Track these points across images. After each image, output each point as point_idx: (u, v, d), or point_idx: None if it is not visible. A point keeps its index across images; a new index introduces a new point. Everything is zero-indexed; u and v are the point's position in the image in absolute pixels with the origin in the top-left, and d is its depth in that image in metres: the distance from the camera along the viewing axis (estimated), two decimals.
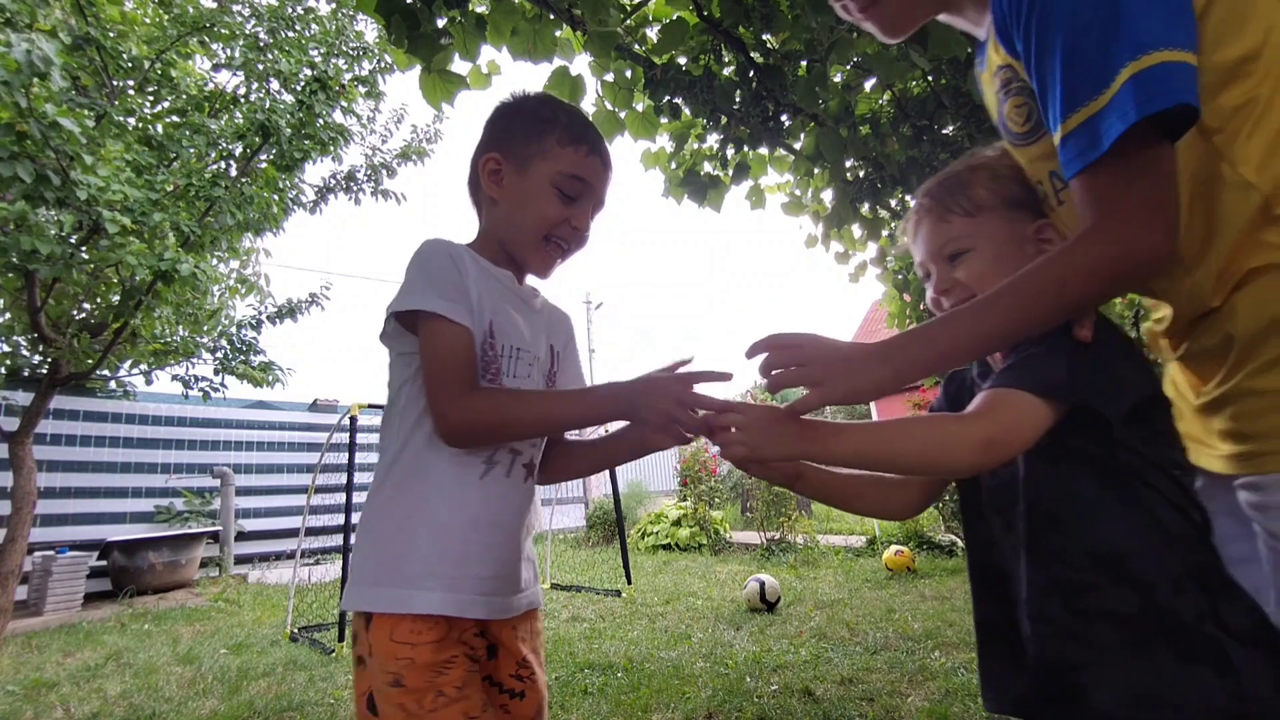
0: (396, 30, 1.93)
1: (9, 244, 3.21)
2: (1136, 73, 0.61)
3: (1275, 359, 0.66)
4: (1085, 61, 0.64)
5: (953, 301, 0.83)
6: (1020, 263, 0.73)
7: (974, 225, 0.82)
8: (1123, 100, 0.61)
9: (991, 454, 0.67)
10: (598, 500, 9.19)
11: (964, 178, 0.85)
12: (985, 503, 0.80)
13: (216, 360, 5.42)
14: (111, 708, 2.72)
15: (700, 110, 2.70)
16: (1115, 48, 0.62)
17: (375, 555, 0.84)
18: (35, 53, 2.90)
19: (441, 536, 0.83)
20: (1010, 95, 0.80)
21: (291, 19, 5.06)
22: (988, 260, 0.81)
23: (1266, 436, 0.68)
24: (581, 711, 2.36)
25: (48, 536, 5.55)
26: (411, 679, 0.77)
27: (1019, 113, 0.80)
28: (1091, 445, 0.69)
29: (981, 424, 0.68)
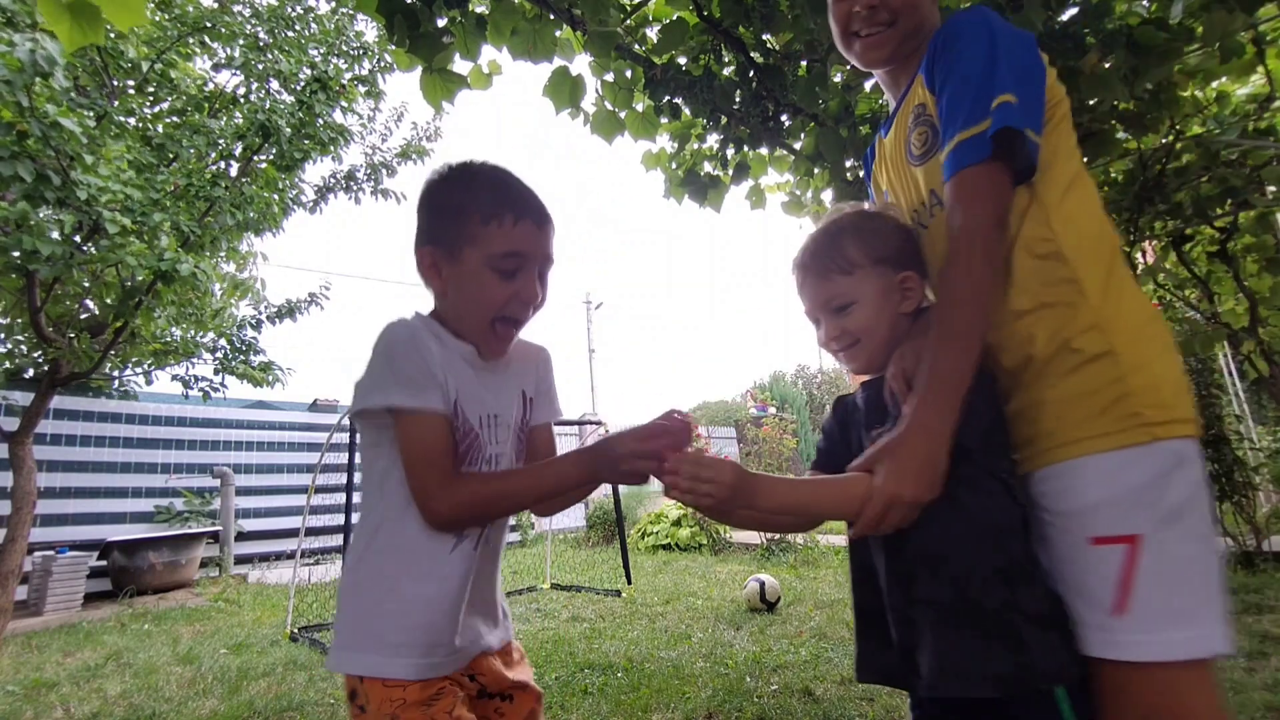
0: (398, 30, 1.93)
1: (9, 244, 3.22)
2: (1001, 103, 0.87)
3: (1060, 375, 0.86)
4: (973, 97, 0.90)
5: (841, 345, 1.00)
6: (894, 309, 0.97)
7: (852, 282, 0.98)
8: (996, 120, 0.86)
9: None
10: (598, 500, 9.19)
11: (836, 240, 1.00)
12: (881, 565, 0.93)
13: (216, 360, 5.42)
14: (111, 708, 2.72)
15: (700, 110, 2.70)
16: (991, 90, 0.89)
17: (358, 622, 0.90)
18: (39, 52, 2.90)
19: (416, 608, 0.89)
20: (918, 125, 1.03)
21: (291, 19, 5.07)
22: (870, 310, 0.97)
23: (1043, 437, 0.86)
24: (581, 711, 2.36)
25: (48, 536, 5.55)
26: (407, 716, 0.85)
27: (920, 139, 1.03)
28: None
29: None
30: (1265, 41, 2.84)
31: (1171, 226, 3.77)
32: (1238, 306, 4.09)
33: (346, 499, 3.75)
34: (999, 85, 0.89)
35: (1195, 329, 3.91)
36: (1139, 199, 3.44)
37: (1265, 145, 3.16)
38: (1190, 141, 3.37)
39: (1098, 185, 3.65)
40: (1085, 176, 0.96)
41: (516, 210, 0.93)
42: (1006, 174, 0.89)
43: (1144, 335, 0.86)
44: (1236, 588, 3.38)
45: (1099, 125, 3.00)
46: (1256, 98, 3.27)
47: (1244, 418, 5.00)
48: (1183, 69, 2.69)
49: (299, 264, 24.55)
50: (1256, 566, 3.78)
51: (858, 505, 0.83)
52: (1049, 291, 0.89)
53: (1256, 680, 2.19)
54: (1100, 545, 0.81)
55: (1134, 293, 0.89)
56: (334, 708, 2.58)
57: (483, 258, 0.92)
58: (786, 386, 15.55)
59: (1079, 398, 0.84)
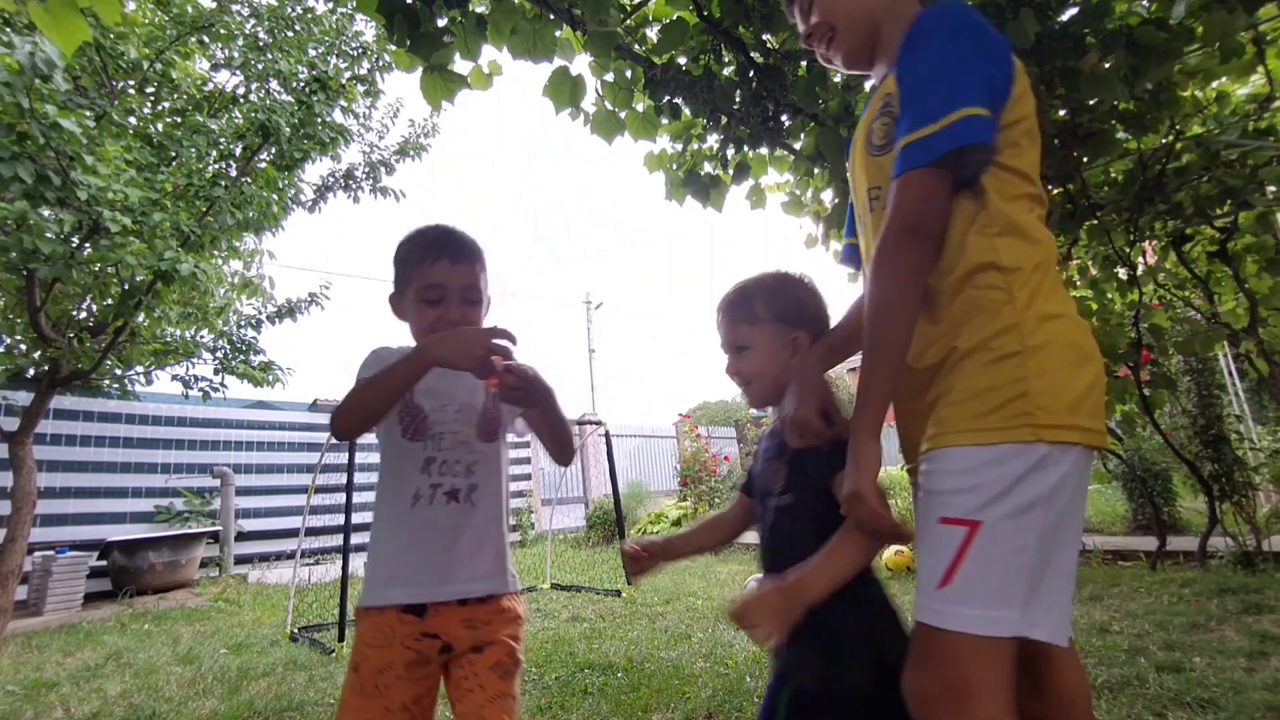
0: (398, 30, 1.93)
1: (9, 244, 3.21)
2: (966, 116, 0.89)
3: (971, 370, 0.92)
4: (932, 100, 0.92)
5: (738, 382, 1.19)
6: (783, 359, 1.13)
7: (753, 331, 1.16)
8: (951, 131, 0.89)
9: None
10: (598, 500, 9.19)
11: (750, 293, 1.18)
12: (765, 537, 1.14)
13: (216, 360, 5.42)
14: (111, 708, 2.72)
15: (700, 110, 2.70)
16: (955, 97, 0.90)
17: (366, 571, 1.18)
18: (39, 54, 2.90)
19: (383, 555, 1.15)
20: (880, 116, 1.05)
21: (290, 18, 5.06)
22: (761, 357, 1.15)
23: (941, 423, 0.93)
24: (581, 711, 2.36)
25: (48, 536, 5.55)
26: (361, 640, 1.11)
27: (883, 130, 1.04)
28: (819, 506, 1.01)
29: None
30: (1265, 41, 2.84)
31: (1171, 226, 3.77)
32: (1238, 306, 4.09)
33: (347, 499, 3.75)
34: (964, 95, 0.90)
35: (1195, 329, 3.91)
36: (1139, 199, 3.44)
37: (1265, 145, 3.16)
38: (1190, 141, 3.37)
39: (1097, 185, 3.67)
40: (1036, 189, 1.00)
41: (434, 253, 1.18)
42: (946, 181, 0.93)
43: (1058, 345, 0.90)
44: (1236, 588, 3.38)
45: (1099, 125, 3.00)
46: (1256, 98, 3.27)
47: (1244, 418, 5.00)
48: (1183, 69, 2.69)
49: (299, 264, 24.54)
50: (1256, 566, 3.78)
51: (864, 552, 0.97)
52: (982, 297, 0.94)
53: (1256, 680, 2.19)
54: (945, 525, 0.89)
55: (1061, 305, 0.95)
56: (334, 708, 2.58)
57: (414, 292, 1.19)
58: None
59: (982, 392, 0.90)
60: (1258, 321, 3.87)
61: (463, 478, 1.17)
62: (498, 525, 1.22)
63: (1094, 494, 8.24)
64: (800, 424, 1.02)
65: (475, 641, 1.12)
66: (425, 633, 1.10)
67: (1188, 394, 4.68)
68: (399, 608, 1.09)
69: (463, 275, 1.19)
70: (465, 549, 1.15)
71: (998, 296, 0.93)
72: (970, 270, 0.95)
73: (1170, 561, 4.25)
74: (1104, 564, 4.45)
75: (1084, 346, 0.93)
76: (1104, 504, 7.01)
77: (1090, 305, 4.20)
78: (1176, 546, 4.43)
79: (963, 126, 0.89)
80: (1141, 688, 2.21)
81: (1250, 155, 3.30)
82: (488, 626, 1.14)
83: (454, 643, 1.11)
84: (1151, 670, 2.34)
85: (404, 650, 1.08)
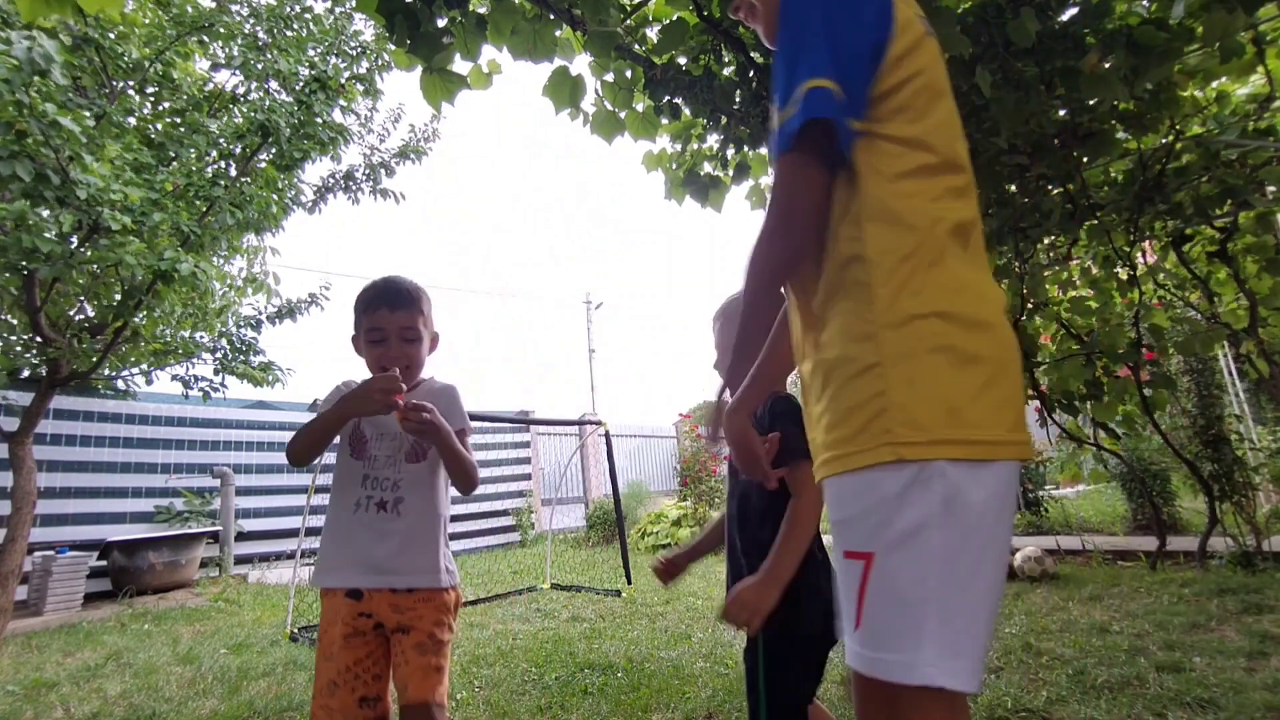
0: (398, 30, 1.93)
1: (9, 243, 3.21)
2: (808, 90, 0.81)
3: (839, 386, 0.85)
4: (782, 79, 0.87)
5: None
6: None
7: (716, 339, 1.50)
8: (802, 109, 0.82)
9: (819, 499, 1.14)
10: (598, 500, 9.19)
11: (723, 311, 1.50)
12: (732, 509, 1.39)
13: (216, 360, 5.42)
14: (111, 708, 2.72)
15: (700, 110, 2.70)
16: (798, 72, 0.84)
17: None
18: (36, 50, 2.90)
19: (329, 547, 1.43)
20: None
21: (290, 18, 5.06)
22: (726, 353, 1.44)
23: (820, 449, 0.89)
24: (581, 711, 2.36)
25: (48, 536, 5.55)
26: (323, 639, 1.39)
27: None
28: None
29: (810, 493, 1.17)
30: (1265, 41, 2.84)
31: (1171, 226, 3.77)
32: (1238, 306, 4.08)
33: None
34: (806, 66, 0.82)
35: (1195, 329, 3.91)
36: (1139, 199, 3.44)
37: (1265, 145, 3.16)
38: (1190, 141, 3.37)
39: (1097, 185, 3.66)
40: (937, 158, 0.86)
41: (376, 301, 1.47)
42: (814, 165, 0.84)
43: (919, 349, 0.80)
44: (1236, 588, 3.38)
45: (1099, 125, 3.00)
46: (1256, 98, 3.27)
47: (1244, 418, 5.00)
48: (1183, 69, 2.69)
49: (299, 264, 24.52)
50: (1256, 566, 3.78)
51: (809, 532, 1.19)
52: (846, 295, 0.85)
53: (1256, 680, 2.19)
54: (847, 559, 0.83)
55: (934, 300, 0.81)
56: None
57: (363, 334, 1.48)
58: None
59: (848, 412, 0.83)
60: (1258, 321, 3.87)
61: (390, 491, 1.43)
62: (429, 531, 1.44)
63: (1094, 494, 8.24)
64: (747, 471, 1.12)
65: (401, 624, 1.36)
66: (362, 612, 1.37)
67: (1188, 394, 4.68)
68: (344, 591, 1.38)
69: (400, 319, 1.46)
70: (393, 549, 1.39)
71: (861, 296, 0.83)
72: (840, 265, 0.86)
73: (1170, 561, 4.25)
74: (1104, 564, 4.46)
75: (964, 348, 0.80)
76: (1104, 504, 7.02)
77: (1090, 305, 4.20)
78: (1176, 546, 4.43)
79: (806, 103, 0.81)
80: (1141, 688, 2.21)
81: (1250, 155, 3.30)
82: (412, 612, 1.37)
83: (385, 621, 1.37)
84: (1151, 670, 2.34)
85: (344, 625, 1.36)
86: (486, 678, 2.82)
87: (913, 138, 0.86)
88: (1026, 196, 3.53)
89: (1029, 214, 3.59)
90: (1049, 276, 4.19)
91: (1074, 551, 4.89)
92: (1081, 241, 3.93)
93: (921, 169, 0.85)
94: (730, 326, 1.34)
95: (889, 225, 0.83)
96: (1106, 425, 4.27)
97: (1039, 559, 4.11)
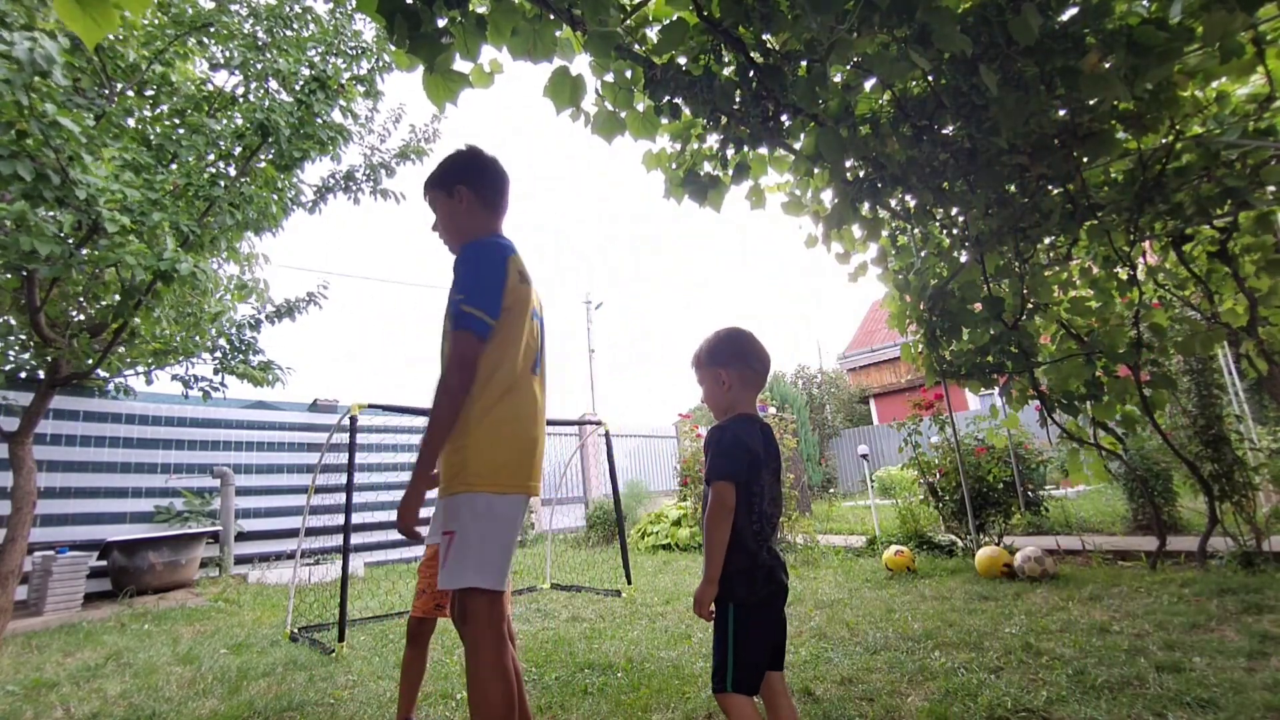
0: (398, 30, 1.93)
1: (9, 243, 3.21)
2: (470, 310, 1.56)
3: (450, 452, 1.60)
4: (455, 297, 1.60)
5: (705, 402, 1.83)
6: (717, 389, 1.74)
7: (700, 373, 1.80)
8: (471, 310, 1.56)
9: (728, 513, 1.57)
10: (598, 500, 9.19)
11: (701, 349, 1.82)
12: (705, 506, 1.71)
13: (216, 360, 5.42)
14: (111, 708, 2.72)
15: (700, 110, 2.70)
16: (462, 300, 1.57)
17: None
18: (38, 51, 2.90)
19: None
20: None
21: (290, 18, 5.06)
22: (706, 388, 1.79)
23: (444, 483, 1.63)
24: (581, 711, 2.36)
25: (48, 536, 5.55)
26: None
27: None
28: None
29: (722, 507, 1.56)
30: (1265, 41, 2.84)
31: (1171, 226, 3.77)
32: (1238, 306, 4.08)
33: (347, 499, 3.74)
34: (469, 297, 1.56)
35: (1195, 329, 3.91)
36: (1139, 199, 3.44)
37: (1265, 145, 3.16)
38: (1190, 141, 3.37)
39: (1097, 185, 3.66)
40: (509, 338, 1.61)
41: None
42: (471, 338, 1.54)
43: (487, 437, 1.56)
44: (1236, 588, 3.38)
45: (1099, 125, 3.00)
46: (1256, 98, 3.27)
47: (1244, 418, 5.00)
48: (1183, 69, 2.69)
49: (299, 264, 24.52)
50: (1256, 566, 3.78)
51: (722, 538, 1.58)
52: (467, 408, 1.57)
53: (1256, 680, 2.19)
54: (446, 535, 1.55)
55: (502, 412, 1.58)
56: (334, 708, 2.58)
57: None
58: (786, 386, 15.52)
59: (452, 465, 1.58)
60: (1257, 321, 3.87)
61: None
62: None
63: (1094, 494, 8.24)
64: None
65: None
66: None
67: (1188, 394, 4.68)
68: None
69: None
70: None
71: (467, 408, 1.58)
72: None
73: (1170, 561, 4.25)
74: (1104, 564, 4.46)
75: (507, 435, 1.60)
76: (1104, 504, 7.02)
77: (1090, 305, 4.20)
78: (1176, 546, 4.43)
79: (469, 318, 1.57)
80: (1141, 688, 2.21)
81: (1250, 155, 3.30)
82: None
83: None
84: (1151, 670, 2.34)
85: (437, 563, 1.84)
86: None
87: (506, 326, 1.62)
88: (1026, 196, 3.53)
89: (1029, 214, 3.59)
90: (1049, 276, 4.19)
91: (1074, 551, 4.89)
92: (1081, 241, 3.93)
93: (504, 340, 1.64)
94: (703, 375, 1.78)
95: (483, 373, 1.60)
96: (1106, 425, 4.28)
97: (1039, 559, 4.11)
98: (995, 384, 4.27)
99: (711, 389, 1.74)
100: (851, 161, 3.29)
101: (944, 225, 4.11)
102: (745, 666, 1.52)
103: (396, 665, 3.15)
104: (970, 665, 2.56)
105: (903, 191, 3.54)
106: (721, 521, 1.54)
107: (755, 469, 1.60)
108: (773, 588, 1.58)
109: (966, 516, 5.20)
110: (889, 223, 4.20)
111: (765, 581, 1.56)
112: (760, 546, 1.58)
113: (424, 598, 2.21)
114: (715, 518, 1.54)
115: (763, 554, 1.58)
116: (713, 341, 1.77)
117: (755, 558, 1.56)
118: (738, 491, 1.57)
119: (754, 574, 1.55)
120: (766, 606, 1.58)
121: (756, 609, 1.56)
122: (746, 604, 1.54)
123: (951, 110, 2.86)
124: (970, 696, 2.24)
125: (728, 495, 1.54)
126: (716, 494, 1.55)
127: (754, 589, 1.55)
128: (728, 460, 1.58)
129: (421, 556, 2.32)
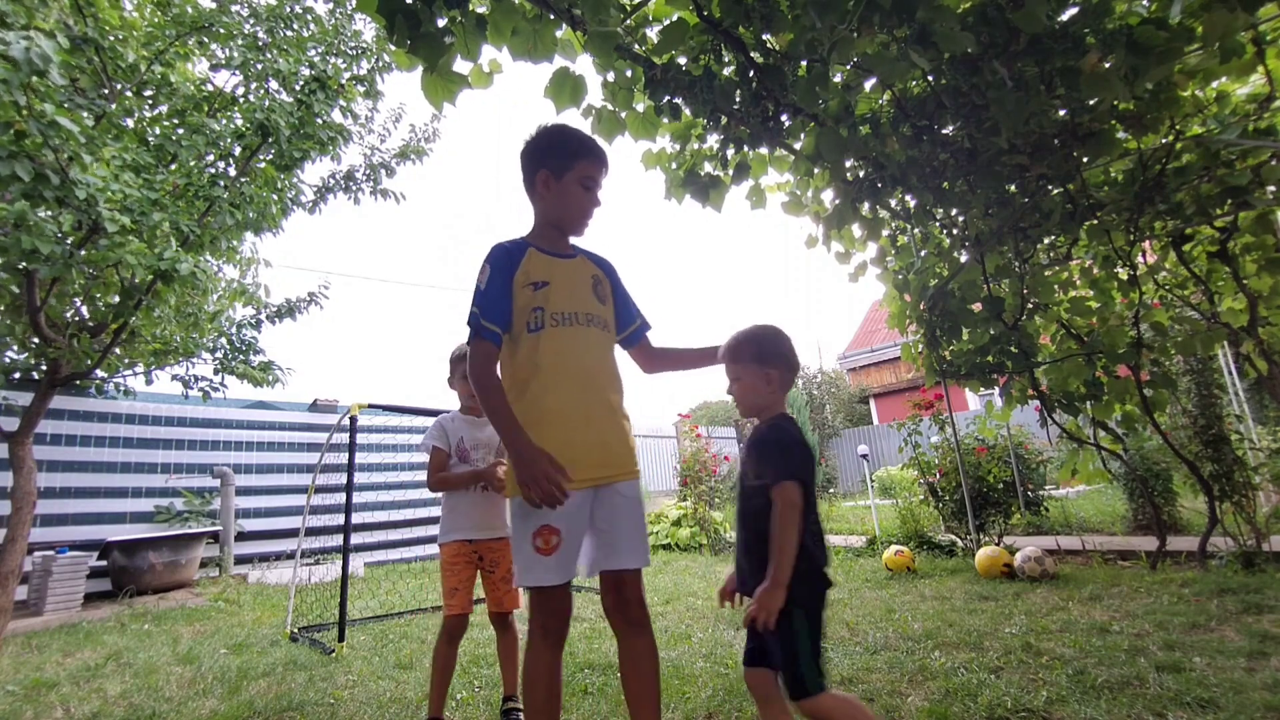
0: (398, 30, 1.93)
1: (9, 243, 3.21)
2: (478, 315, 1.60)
3: None
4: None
5: (734, 399, 1.76)
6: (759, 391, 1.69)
7: (740, 366, 1.72)
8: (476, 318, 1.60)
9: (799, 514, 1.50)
10: None
11: (743, 339, 1.75)
12: (739, 512, 1.71)
13: (216, 360, 5.43)
14: (111, 708, 2.72)
15: (700, 110, 2.70)
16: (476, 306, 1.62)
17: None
18: (34, 50, 2.90)
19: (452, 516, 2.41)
20: None
21: (290, 18, 5.06)
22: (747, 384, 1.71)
23: None
24: (581, 711, 2.36)
25: (48, 536, 5.55)
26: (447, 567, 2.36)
27: None
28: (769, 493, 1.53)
29: (794, 508, 1.49)
30: (1265, 41, 2.84)
31: (1171, 226, 3.77)
32: (1237, 306, 4.08)
33: (347, 499, 3.74)
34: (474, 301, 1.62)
35: (1195, 329, 3.91)
36: (1139, 199, 3.44)
37: (1265, 145, 3.16)
38: (1190, 141, 3.37)
39: (1097, 185, 3.67)
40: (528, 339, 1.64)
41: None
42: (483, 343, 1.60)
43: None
44: (1236, 588, 3.38)
45: (1099, 125, 3.00)
46: (1256, 98, 3.27)
47: (1244, 418, 5.00)
48: (1183, 69, 2.69)
49: (299, 264, 24.54)
50: (1256, 566, 3.78)
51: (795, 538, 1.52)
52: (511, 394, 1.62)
53: (1256, 680, 2.19)
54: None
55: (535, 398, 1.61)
56: (334, 708, 2.58)
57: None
58: None
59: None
60: (1258, 321, 3.87)
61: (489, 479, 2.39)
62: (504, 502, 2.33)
63: (1094, 494, 8.24)
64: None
65: (492, 561, 2.35)
66: (474, 552, 2.35)
67: (1188, 394, 4.68)
68: (462, 541, 2.34)
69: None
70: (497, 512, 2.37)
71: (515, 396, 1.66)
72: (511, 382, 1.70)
73: (1170, 561, 4.25)
74: (1104, 564, 4.46)
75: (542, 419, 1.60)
76: (1104, 504, 7.02)
77: (1090, 305, 4.20)
78: (1176, 546, 4.43)
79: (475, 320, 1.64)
80: (1141, 688, 2.21)
81: (1250, 155, 3.30)
82: (498, 553, 2.36)
83: (484, 556, 2.36)
84: (1151, 670, 2.34)
85: (463, 560, 2.33)
86: (487, 678, 2.82)
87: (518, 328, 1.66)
88: (1026, 196, 3.53)
89: (1029, 214, 3.59)
90: (1049, 276, 4.19)
91: (1074, 551, 4.89)
92: (1081, 241, 3.93)
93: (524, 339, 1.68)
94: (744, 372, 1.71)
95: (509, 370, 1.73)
96: (1106, 425, 4.28)
97: (1039, 559, 4.11)
98: (995, 384, 4.27)
99: (753, 387, 1.69)
100: (851, 161, 3.29)
101: (944, 225, 4.11)
102: (818, 665, 1.51)
103: (397, 665, 3.15)
104: (970, 665, 2.56)
105: (903, 191, 3.54)
106: (794, 523, 1.49)
107: (812, 468, 1.58)
108: (827, 584, 1.57)
109: (966, 516, 5.20)
110: (889, 223, 4.20)
111: (822, 581, 1.56)
112: (818, 547, 1.57)
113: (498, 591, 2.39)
114: (787, 519, 1.49)
115: (819, 554, 1.57)
116: (760, 339, 1.72)
117: (814, 560, 1.55)
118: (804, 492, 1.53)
119: (813, 577, 1.54)
120: (822, 603, 1.58)
121: (815, 609, 1.55)
122: (807, 606, 1.52)
123: (951, 110, 2.86)
124: (970, 696, 2.24)
125: (797, 495, 1.50)
126: (785, 495, 1.50)
127: (814, 591, 1.54)
128: (793, 460, 1.54)
129: (438, 557, 2.40)
